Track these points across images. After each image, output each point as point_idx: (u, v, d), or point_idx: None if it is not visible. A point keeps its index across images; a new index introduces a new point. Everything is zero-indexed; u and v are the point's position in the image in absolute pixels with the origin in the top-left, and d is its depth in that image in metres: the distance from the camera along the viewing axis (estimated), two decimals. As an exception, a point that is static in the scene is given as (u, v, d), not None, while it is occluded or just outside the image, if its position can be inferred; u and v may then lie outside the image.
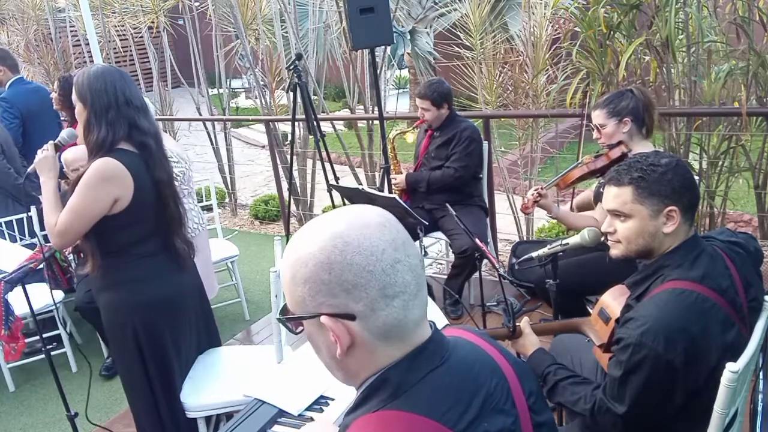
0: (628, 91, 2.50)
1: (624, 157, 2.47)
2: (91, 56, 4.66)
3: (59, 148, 2.18)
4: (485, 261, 2.82)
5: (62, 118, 3.98)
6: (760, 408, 1.73)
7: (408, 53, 8.16)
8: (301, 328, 0.89)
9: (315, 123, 3.83)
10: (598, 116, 2.50)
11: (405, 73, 9.50)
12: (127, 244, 2.08)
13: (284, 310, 0.88)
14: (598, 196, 2.59)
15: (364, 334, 0.83)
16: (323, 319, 0.82)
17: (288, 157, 4.47)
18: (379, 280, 0.81)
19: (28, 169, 2.16)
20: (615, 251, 1.60)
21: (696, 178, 1.52)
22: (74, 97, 2.03)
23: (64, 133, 2.23)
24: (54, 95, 3.49)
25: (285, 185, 4.94)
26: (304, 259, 0.83)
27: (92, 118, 1.99)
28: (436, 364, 0.85)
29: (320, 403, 1.65)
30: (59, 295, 3.35)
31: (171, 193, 2.16)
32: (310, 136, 4.19)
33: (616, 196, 1.54)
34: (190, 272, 2.31)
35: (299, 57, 3.81)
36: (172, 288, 2.20)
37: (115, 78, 2.03)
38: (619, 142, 2.49)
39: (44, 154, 2.12)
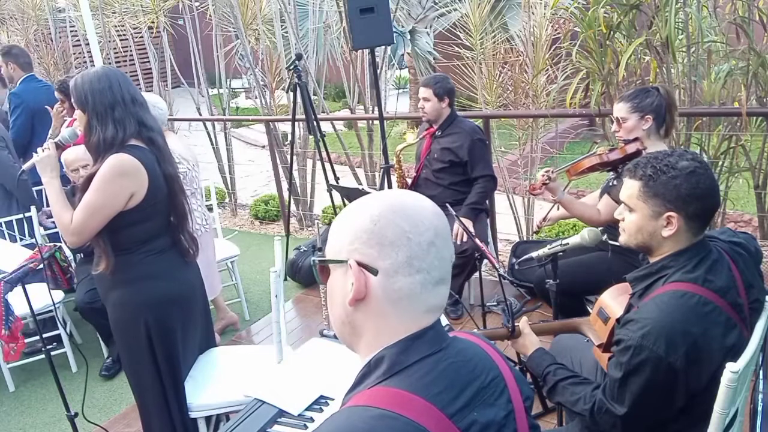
0: (655, 89, 2.48)
1: (638, 153, 2.44)
2: (91, 56, 4.66)
3: (60, 148, 2.17)
4: (485, 261, 2.82)
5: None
6: (760, 408, 1.73)
7: (408, 53, 8.15)
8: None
9: (315, 123, 3.83)
10: (620, 109, 2.48)
11: (405, 73, 9.49)
12: (139, 240, 2.08)
13: (321, 256, 0.95)
14: (606, 189, 2.57)
15: (379, 292, 0.88)
16: (351, 262, 0.88)
17: (288, 157, 4.48)
18: (412, 249, 0.87)
19: (24, 165, 2.14)
20: (620, 239, 1.63)
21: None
22: (74, 101, 2.02)
23: (65, 133, 2.21)
24: (58, 96, 3.55)
25: (285, 185, 4.94)
26: (360, 212, 0.90)
27: (94, 120, 1.99)
28: (434, 350, 0.89)
29: (320, 403, 1.64)
30: (59, 295, 3.35)
31: (179, 187, 2.17)
32: (310, 136, 4.19)
33: (627, 187, 1.55)
34: (195, 270, 2.31)
35: (299, 57, 3.81)
36: (183, 285, 2.21)
37: (119, 77, 2.03)
38: (636, 139, 2.46)
39: (46, 153, 2.10)
